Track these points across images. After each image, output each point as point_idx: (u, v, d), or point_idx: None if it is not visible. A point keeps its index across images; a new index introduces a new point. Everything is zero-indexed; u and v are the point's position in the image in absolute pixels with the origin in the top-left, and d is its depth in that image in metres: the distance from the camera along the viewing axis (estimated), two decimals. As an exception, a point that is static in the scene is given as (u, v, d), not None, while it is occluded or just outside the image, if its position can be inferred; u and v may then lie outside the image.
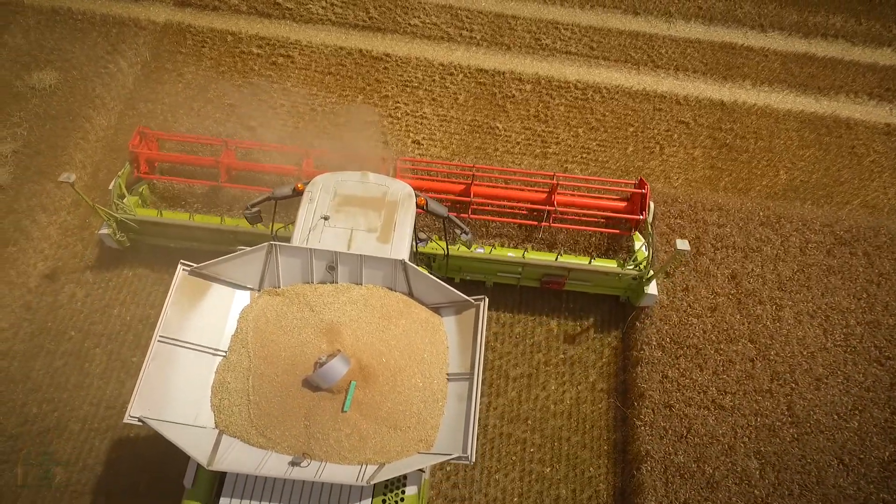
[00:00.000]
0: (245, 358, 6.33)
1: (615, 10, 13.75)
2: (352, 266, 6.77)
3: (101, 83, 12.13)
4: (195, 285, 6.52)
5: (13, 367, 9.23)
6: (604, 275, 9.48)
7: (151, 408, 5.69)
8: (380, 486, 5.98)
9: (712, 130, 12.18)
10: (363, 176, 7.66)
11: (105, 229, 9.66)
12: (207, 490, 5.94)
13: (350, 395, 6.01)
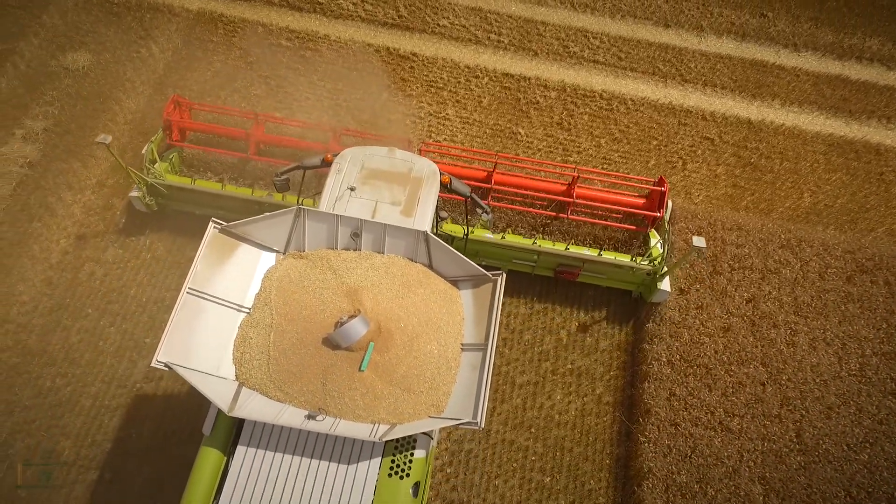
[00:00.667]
0: (267, 315, 6.55)
1: (646, 22, 13.63)
2: (375, 235, 6.98)
3: (133, 67, 12.35)
4: (224, 243, 6.79)
5: (31, 340, 9.44)
6: (618, 268, 9.52)
7: (177, 355, 5.95)
8: (390, 447, 6.19)
9: (737, 148, 12.03)
10: (390, 151, 7.89)
11: (135, 192, 9.97)
12: (225, 438, 6.18)
13: (368, 355, 6.22)
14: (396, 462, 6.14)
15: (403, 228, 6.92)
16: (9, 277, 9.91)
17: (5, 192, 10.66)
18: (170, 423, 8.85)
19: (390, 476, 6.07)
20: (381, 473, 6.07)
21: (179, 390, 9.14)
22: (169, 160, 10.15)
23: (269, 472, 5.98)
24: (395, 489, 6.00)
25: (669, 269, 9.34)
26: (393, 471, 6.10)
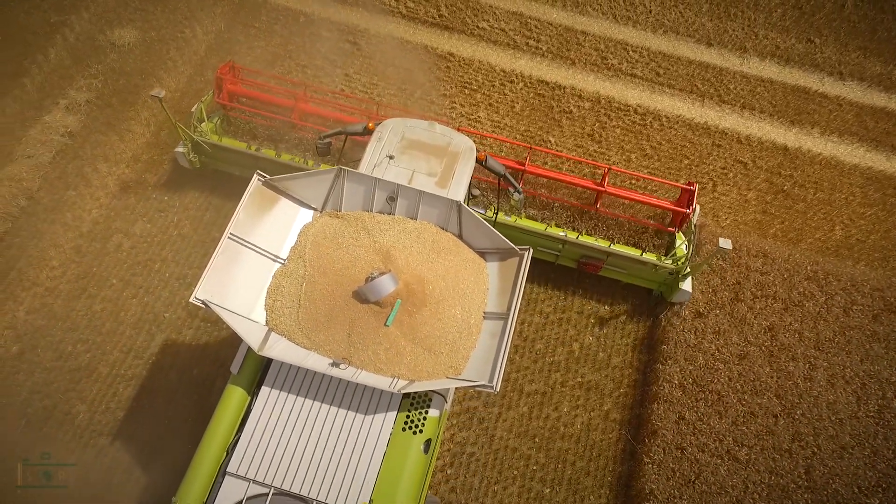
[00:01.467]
0: (301, 267, 6.84)
1: (688, 39, 13.44)
2: (410, 201, 7.24)
3: (176, 47, 12.61)
4: (266, 196, 7.08)
5: (56, 304, 9.74)
6: (641, 264, 9.56)
7: (214, 294, 6.29)
8: (405, 403, 6.40)
9: (771, 174, 11.80)
10: (430, 125, 8.17)
11: (181, 148, 10.29)
12: (251, 378, 6.49)
13: (394, 312, 6.46)
14: (411, 418, 6.36)
15: (438, 196, 7.16)
16: (41, 242, 10.23)
17: (45, 159, 10.99)
18: (181, 398, 9.05)
19: (404, 430, 6.31)
20: (396, 427, 6.31)
21: (192, 366, 9.33)
22: (215, 121, 10.47)
23: (290, 414, 6.26)
24: (407, 443, 6.24)
25: (693, 268, 9.38)
26: (407, 426, 6.33)
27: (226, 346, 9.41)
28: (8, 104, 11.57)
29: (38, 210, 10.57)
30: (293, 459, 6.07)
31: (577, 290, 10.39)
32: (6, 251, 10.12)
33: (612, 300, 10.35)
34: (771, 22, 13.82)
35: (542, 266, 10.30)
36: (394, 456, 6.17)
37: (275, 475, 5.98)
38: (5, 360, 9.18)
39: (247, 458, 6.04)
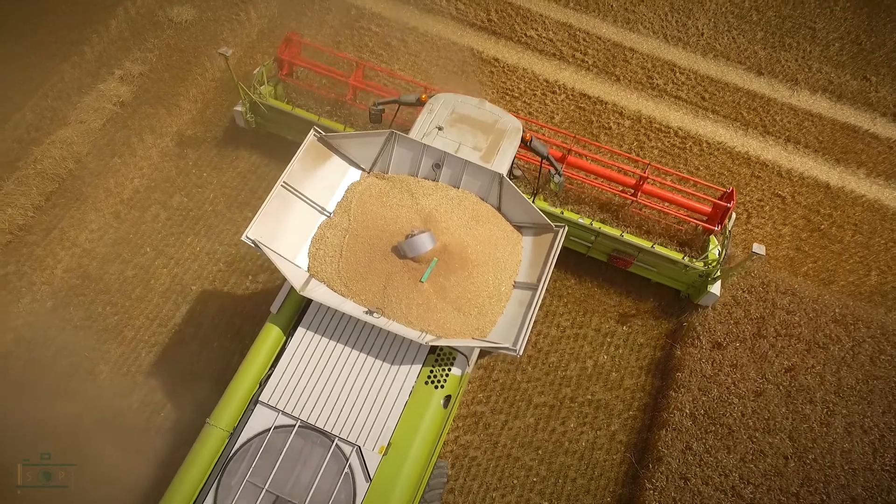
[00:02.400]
0: (345, 220, 7.23)
1: (738, 66, 13.21)
2: (454, 170, 7.54)
3: (230, 28, 12.94)
4: (319, 152, 7.46)
5: (92, 266, 10.12)
6: (672, 263, 9.60)
7: (264, 236, 6.70)
8: (430, 359, 6.73)
9: (808, 211, 11.53)
10: (480, 102, 8.42)
11: (239, 107, 10.81)
12: (288, 319, 6.95)
13: (430, 269, 6.75)
14: (434, 373, 6.69)
15: (482, 168, 7.42)
16: (84, 205, 10.64)
17: (96, 125, 11.43)
18: (201, 369, 9.31)
19: (426, 383, 6.64)
20: (420, 379, 6.65)
21: (213, 339, 9.60)
22: (273, 86, 10.91)
23: (322, 355, 6.65)
24: (428, 395, 6.57)
25: (724, 272, 9.41)
26: (430, 380, 6.66)
27: (248, 322, 9.65)
28: (67, 70, 12.06)
29: (85, 174, 11.00)
30: (320, 397, 6.43)
31: (596, 308, 10.35)
32: (51, 210, 10.57)
33: (632, 323, 10.27)
34: (827, 56, 13.49)
35: (566, 271, 10.42)
36: (415, 406, 6.49)
37: (302, 409, 6.36)
38: (39, 314, 9.60)
39: (278, 390, 6.45)
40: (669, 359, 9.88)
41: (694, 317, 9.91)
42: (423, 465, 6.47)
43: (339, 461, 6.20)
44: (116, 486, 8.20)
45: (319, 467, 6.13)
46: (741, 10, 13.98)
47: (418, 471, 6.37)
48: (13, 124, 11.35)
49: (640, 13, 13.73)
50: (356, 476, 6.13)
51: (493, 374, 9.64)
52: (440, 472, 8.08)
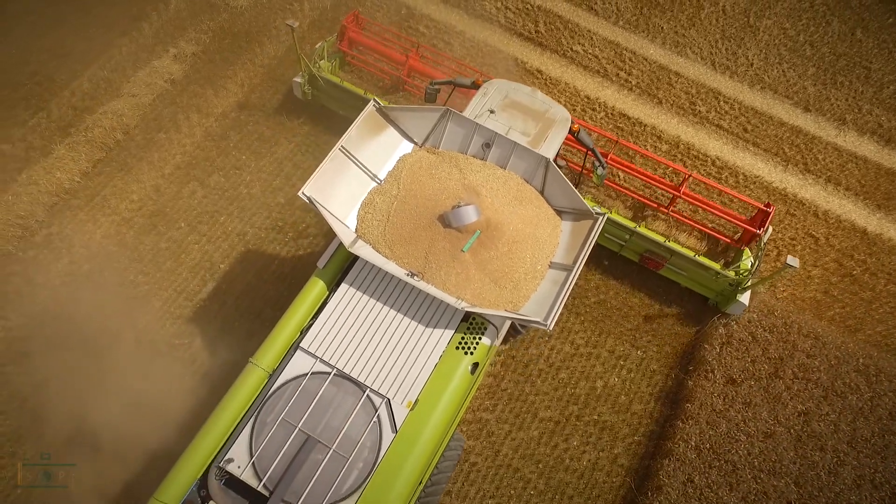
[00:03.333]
0: (395, 188, 7.64)
1: (785, 100, 12.98)
2: (503, 151, 7.88)
3: (282, 17, 13.26)
4: (376, 122, 7.90)
5: (129, 234, 10.54)
6: (704, 269, 9.73)
7: (318, 194, 7.18)
8: (463, 327, 7.15)
9: (842, 256, 11.29)
10: (533, 91, 8.74)
11: (299, 78, 11.25)
12: (333, 275, 7.47)
13: (472, 240, 7.10)
14: (465, 340, 7.08)
15: (530, 151, 7.75)
16: (128, 175, 11.08)
17: (146, 100, 11.87)
18: (219, 346, 9.62)
19: (457, 348, 7.03)
20: (451, 344, 7.05)
21: (234, 318, 9.90)
22: (332, 62, 11.36)
23: (361, 311, 7.13)
24: (458, 360, 6.97)
25: (755, 283, 9.53)
26: (460, 346, 7.04)
27: (270, 305, 9.92)
28: (125, 44, 12.54)
29: (131, 146, 11.44)
30: (357, 350, 6.87)
31: (612, 330, 10.33)
32: (96, 177, 11.03)
33: (646, 346, 10.24)
34: (879, 98, 13.16)
35: (595, 266, 10.63)
36: (444, 368, 6.88)
37: (339, 359, 6.81)
38: (76, 276, 10.05)
39: (318, 339, 6.92)
40: (681, 389, 9.81)
41: (709, 352, 9.82)
42: (446, 426, 6.84)
43: (369, 411, 6.60)
44: (140, 449, 8.53)
45: (350, 414, 6.55)
46: (795, 43, 13.72)
47: (440, 430, 6.74)
48: (70, 91, 11.87)
49: (690, 37, 13.60)
50: (383, 426, 6.53)
51: (502, 383, 9.72)
52: (457, 444, 8.38)
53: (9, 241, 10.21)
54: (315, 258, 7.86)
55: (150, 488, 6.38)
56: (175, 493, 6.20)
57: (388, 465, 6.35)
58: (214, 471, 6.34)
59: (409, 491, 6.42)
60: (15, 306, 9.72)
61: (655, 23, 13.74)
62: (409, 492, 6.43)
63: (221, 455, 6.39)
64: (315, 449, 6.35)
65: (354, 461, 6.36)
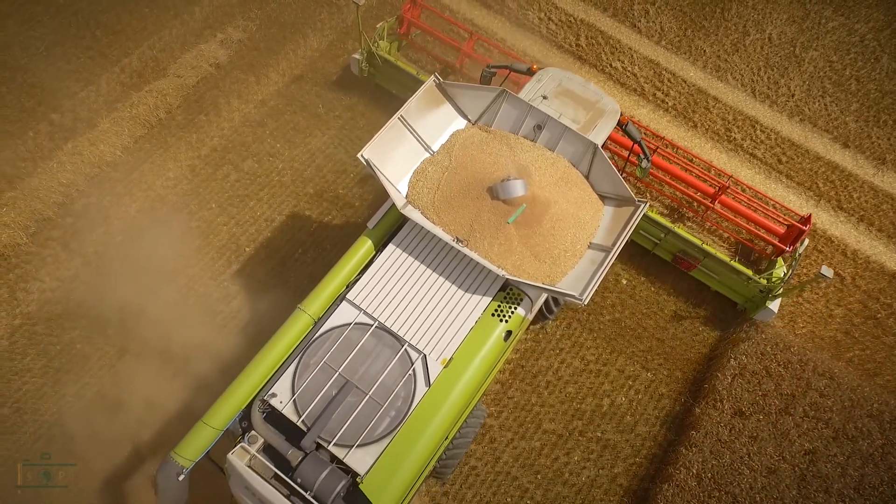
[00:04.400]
0: (446, 159, 8.00)
1: (824, 134, 12.77)
2: (553, 134, 8.16)
3: (328, 11, 13.52)
4: (434, 97, 8.25)
5: (162, 210, 10.90)
6: (735, 274, 9.93)
7: (375, 158, 7.56)
8: (500, 295, 7.52)
9: (867, 297, 11.08)
10: (586, 82, 9.04)
11: (357, 55, 11.75)
12: (381, 235, 7.93)
13: (518, 212, 7.42)
14: (501, 308, 7.44)
15: (580, 136, 8.00)
16: (166, 153, 11.46)
17: (190, 82, 12.24)
18: (234, 327, 9.91)
19: (493, 315, 7.38)
20: (487, 310, 7.39)
21: (257, 300, 10.17)
22: (391, 43, 11.76)
23: (405, 271, 7.53)
24: (492, 326, 7.33)
25: (786, 291, 9.76)
26: (496, 313, 7.40)
27: (290, 293, 10.17)
28: (176, 26, 12.94)
29: (172, 125, 11.82)
30: (399, 306, 7.28)
31: (624, 350, 10.34)
32: (136, 153, 11.43)
33: (657, 369, 10.22)
34: (923, 140, 12.85)
35: (627, 262, 10.81)
36: (479, 332, 7.25)
37: (381, 313, 7.23)
38: (109, 246, 10.44)
39: (363, 292, 7.35)
40: (687, 415, 9.78)
41: (720, 381, 9.75)
42: (475, 388, 7.19)
43: (405, 364, 6.97)
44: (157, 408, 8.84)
45: (387, 365, 6.91)
46: (840, 77, 13.48)
47: (470, 390, 7.09)
48: (121, 67, 12.30)
49: (732, 63, 13.47)
50: (417, 380, 6.90)
51: (509, 391, 9.81)
52: (479, 413, 8.65)
53: (50, 206, 10.65)
54: (338, 253, 8.08)
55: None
56: (221, 418, 6.64)
57: (418, 417, 6.70)
58: (258, 403, 6.76)
59: (434, 445, 6.77)
60: (50, 270, 10.16)
61: (698, 45, 13.64)
62: (434, 445, 6.77)
63: (265, 390, 6.81)
64: (352, 393, 6.74)
65: (388, 409, 6.72)
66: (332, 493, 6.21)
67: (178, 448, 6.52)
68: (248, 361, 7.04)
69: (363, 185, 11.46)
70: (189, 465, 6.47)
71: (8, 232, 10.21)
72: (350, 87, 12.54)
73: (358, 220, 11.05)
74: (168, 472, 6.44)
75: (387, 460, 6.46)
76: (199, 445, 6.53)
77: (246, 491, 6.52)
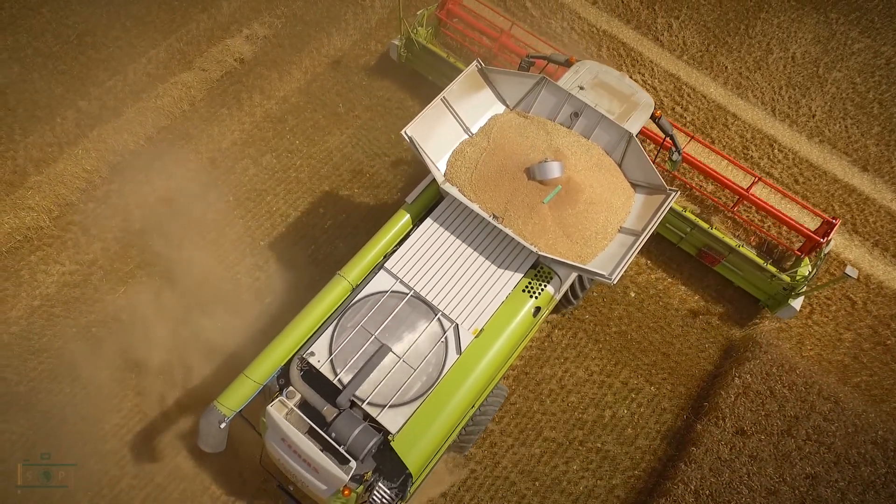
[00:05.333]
0: (485, 141, 8.36)
1: (844, 157, 12.67)
2: (589, 122, 8.49)
3: (353, 11, 13.68)
4: (475, 81, 8.59)
5: (180, 201, 11.11)
6: (759, 270, 10.17)
7: (418, 135, 7.97)
8: (531, 273, 7.91)
9: (878, 323, 11.00)
10: (622, 76, 9.33)
11: (397, 41, 12.15)
12: (419, 210, 8.36)
13: (554, 192, 7.77)
14: (532, 285, 7.83)
15: (615, 125, 8.32)
16: (187, 144, 11.70)
17: (215, 76, 12.47)
18: (247, 313, 10.09)
19: (523, 291, 7.77)
20: (518, 286, 7.78)
21: (266, 294, 10.35)
22: (429, 30, 12.14)
23: (442, 244, 7.93)
24: (522, 301, 7.72)
25: (810, 289, 9.95)
26: (527, 289, 7.79)
27: (302, 290, 10.33)
28: (203, 20, 13.18)
29: (195, 117, 12.06)
30: (434, 277, 7.66)
31: (629, 362, 10.37)
32: (159, 143, 11.68)
33: (661, 383, 10.24)
34: (944, 167, 12.71)
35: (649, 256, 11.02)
36: (510, 305, 7.62)
37: (417, 282, 7.60)
38: (128, 233, 10.70)
39: (401, 262, 7.74)
40: (689, 431, 9.79)
41: (723, 399, 9.75)
42: (503, 359, 7.58)
43: (438, 332, 7.35)
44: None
45: (420, 332, 7.31)
46: (863, 100, 13.37)
47: (498, 361, 7.48)
48: (147, 58, 12.57)
49: (753, 81, 13.42)
50: (449, 348, 7.27)
51: (511, 397, 9.89)
52: (501, 392, 8.94)
53: (73, 191, 10.93)
54: (351, 251, 8.22)
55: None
56: (262, 372, 7.05)
57: (448, 383, 7.07)
58: (296, 361, 7.16)
59: (461, 410, 7.15)
60: (71, 253, 10.43)
61: (720, 62, 13.60)
62: (461, 411, 7.15)
63: (304, 349, 7.22)
64: (387, 356, 7.09)
65: (419, 374, 7.08)
66: (364, 447, 6.58)
67: (220, 398, 6.92)
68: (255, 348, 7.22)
69: (377, 187, 11.61)
70: (230, 415, 6.85)
71: (32, 215, 10.50)
72: (386, 74, 12.87)
73: (372, 220, 11.18)
74: (211, 419, 6.86)
75: (417, 421, 6.82)
76: (240, 397, 6.92)
77: (281, 443, 6.86)
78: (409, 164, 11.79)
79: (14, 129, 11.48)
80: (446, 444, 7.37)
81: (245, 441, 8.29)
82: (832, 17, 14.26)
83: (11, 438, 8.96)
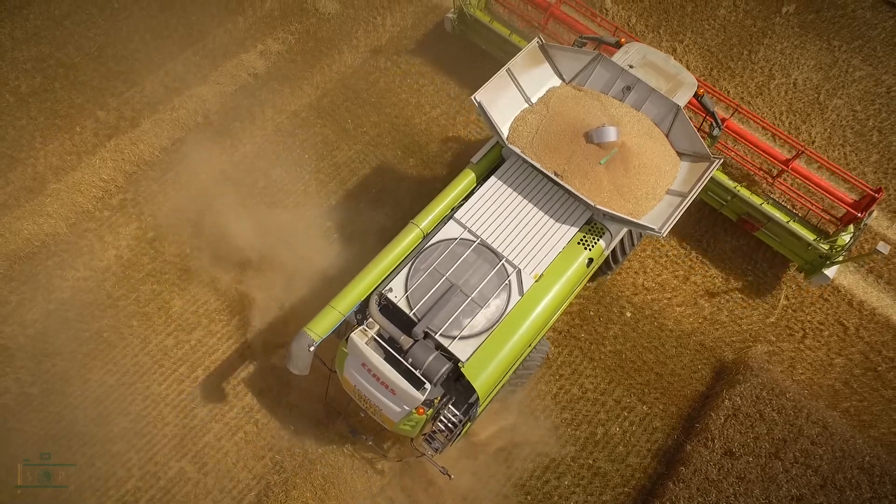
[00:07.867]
0: (544, 110, 9.09)
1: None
2: (640, 96, 9.21)
3: (364, 30, 14.06)
4: (535, 56, 9.30)
5: (191, 210, 11.49)
6: (797, 238, 10.68)
7: (485, 101, 8.71)
8: (586, 227, 8.71)
9: (870, 350, 11.19)
10: (667, 58, 9.95)
11: (451, 14, 12.88)
12: (483, 170, 9.12)
13: (610, 155, 8.52)
14: (586, 238, 8.64)
15: (664, 98, 9.04)
16: (199, 155, 12.11)
17: (229, 90, 12.88)
18: (257, 327, 10.41)
19: (578, 243, 8.59)
20: (574, 239, 8.60)
21: (271, 298, 10.67)
22: (482, 2, 12.68)
23: (506, 199, 8.73)
24: (577, 253, 8.56)
25: (845, 259, 10.37)
26: (581, 241, 8.62)
27: (309, 289, 10.64)
28: (219, 35, 13.60)
29: (208, 129, 12.46)
30: (499, 227, 8.47)
31: (622, 381, 10.62)
32: (174, 154, 12.09)
33: (653, 402, 10.48)
34: (941, 196, 12.88)
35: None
36: (567, 255, 8.45)
37: (484, 231, 8.44)
38: (141, 240, 11.10)
39: (469, 213, 8.58)
40: (678, 451, 10.02)
41: (713, 420, 9.98)
42: (559, 303, 8.34)
43: (502, 276, 8.15)
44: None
45: (486, 276, 8.10)
46: (863, 127, 13.57)
47: (555, 304, 8.27)
48: (165, 71, 13.00)
49: (754, 106, 13.65)
50: (512, 289, 8.10)
51: (506, 411, 10.16)
52: (543, 348, 9.52)
53: (89, 199, 11.35)
54: (359, 265, 8.50)
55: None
56: (346, 304, 7.90)
57: (511, 320, 7.91)
58: (375, 297, 8.00)
59: (522, 345, 7.94)
60: (85, 260, 10.84)
61: (722, 86, 13.85)
62: (522, 346, 7.95)
63: (382, 286, 8.04)
64: (456, 294, 7.90)
65: (485, 311, 7.88)
66: (438, 371, 7.45)
67: (310, 324, 7.73)
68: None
69: (379, 203, 11.91)
70: (318, 340, 7.63)
71: (50, 222, 10.92)
72: (394, 92, 13.33)
73: (379, 235, 11.46)
74: (301, 343, 7.64)
75: (484, 351, 7.66)
76: (327, 324, 7.75)
77: (361, 368, 7.72)
78: (414, 181, 12.12)
79: (35, 137, 11.93)
80: (507, 376, 8.07)
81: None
82: (835, 45, 14.49)
83: (63, 378, 9.45)
